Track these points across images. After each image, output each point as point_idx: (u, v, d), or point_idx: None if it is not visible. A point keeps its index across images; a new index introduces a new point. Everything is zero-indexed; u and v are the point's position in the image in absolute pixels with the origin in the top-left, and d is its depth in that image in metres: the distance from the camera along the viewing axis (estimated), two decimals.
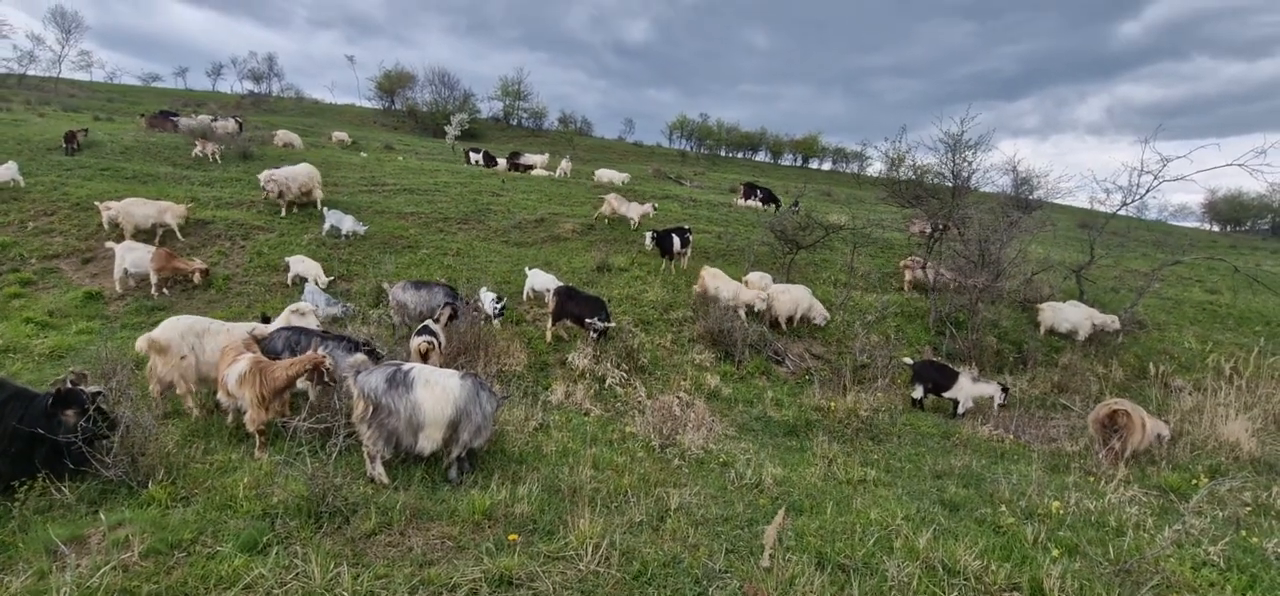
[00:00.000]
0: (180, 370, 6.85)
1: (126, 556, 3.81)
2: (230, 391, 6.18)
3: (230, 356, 6.46)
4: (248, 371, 6.10)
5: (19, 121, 25.12)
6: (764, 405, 10.38)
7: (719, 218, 21.87)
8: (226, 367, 6.30)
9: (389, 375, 5.70)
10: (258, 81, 63.33)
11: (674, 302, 13.75)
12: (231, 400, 6.28)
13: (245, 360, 6.23)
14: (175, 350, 6.86)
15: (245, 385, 6.06)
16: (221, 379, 6.30)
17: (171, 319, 7.21)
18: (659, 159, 55.76)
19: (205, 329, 7.19)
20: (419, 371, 5.84)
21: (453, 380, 5.87)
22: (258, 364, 6.19)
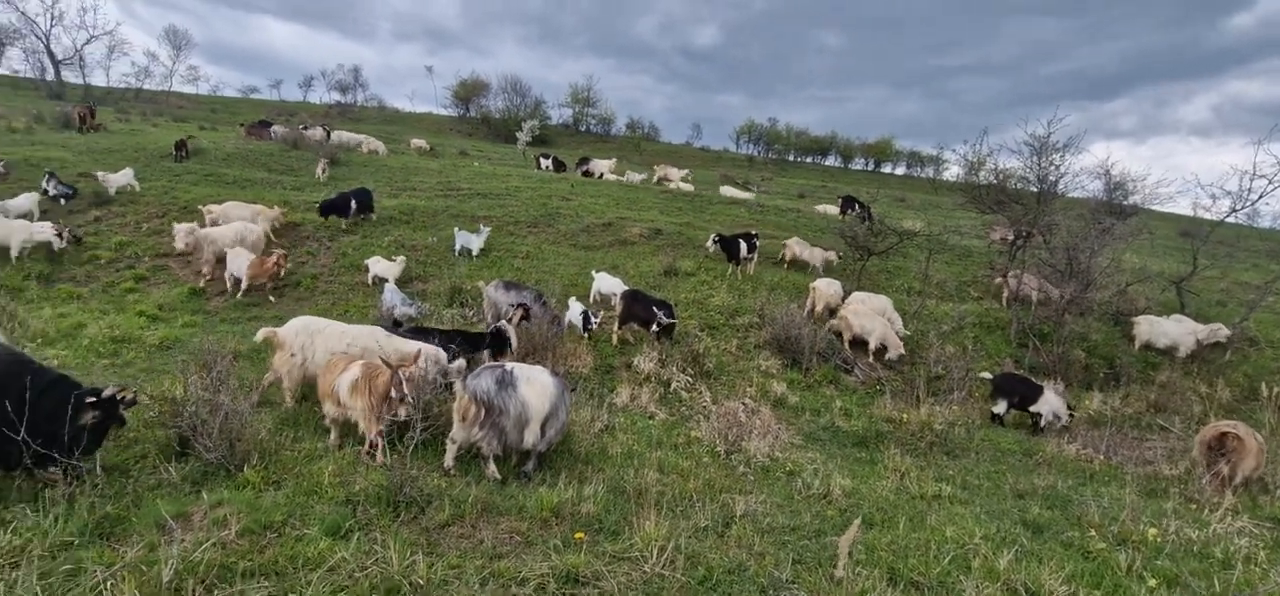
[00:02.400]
0: (288, 366, 7.17)
1: (225, 534, 4.09)
2: (342, 401, 6.07)
3: (340, 365, 6.34)
4: (359, 379, 6.00)
5: (136, 131, 27.44)
6: (832, 414, 10.13)
7: (788, 223, 21.52)
8: (336, 377, 6.17)
9: (497, 377, 5.90)
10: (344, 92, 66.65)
11: (740, 308, 13.62)
12: (341, 410, 6.14)
13: (356, 367, 6.12)
14: (289, 347, 7.17)
15: (357, 394, 5.96)
16: (330, 389, 6.17)
17: (296, 319, 7.55)
18: (726, 164, 55.41)
19: (319, 330, 7.41)
20: (520, 370, 6.07)
21: (547, 377, 6.12)
22: (370, 371, 6.06)
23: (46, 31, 50.91)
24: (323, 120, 40.83)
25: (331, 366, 6.41)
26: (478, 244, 15.17)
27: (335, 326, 7.58)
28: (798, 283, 15.62)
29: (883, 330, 12.72)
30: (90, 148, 20.80)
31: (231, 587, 3.60)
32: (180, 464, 5.19)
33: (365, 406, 5.91)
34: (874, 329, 12.72)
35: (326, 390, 6.23)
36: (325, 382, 6.28)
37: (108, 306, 11.45)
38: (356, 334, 7.57)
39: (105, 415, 4.87)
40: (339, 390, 6.07)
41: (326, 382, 6.26)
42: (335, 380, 6.15)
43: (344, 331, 7.54)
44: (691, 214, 20.92)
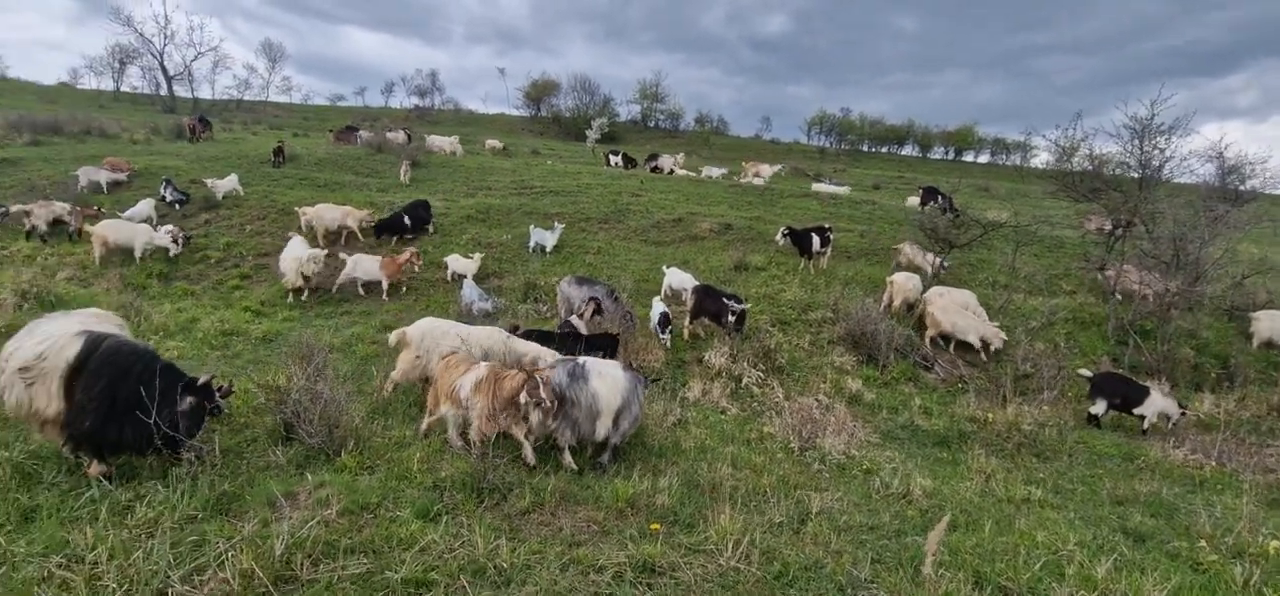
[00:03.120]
0: (410, 364, 7.53)
1: (327, 513, 4.41)
2: (462, 400, 5.95)
3: (461, 364, 6.24)
4: (484, 380, 5.91)
5: (238, 139, 29.58)
6: (911, 413, 9.81)
7: (861, 215, 20.90)
8: (459, 376, 6.05)
9: (570, 370, 6.13)
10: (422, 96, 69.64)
11: (812, 303, 13.36)
12: (461, 409, 6.01)
13: (482, 367, 6.07)
14: (414, 347, 7.54)
15: (480, 393, 5.87)
16: (448, 388, 6.05)
17: (422, 320, 7.92)
18: (796, 156, 54.31)
19: (444, 331, 7.66)
20: (592, 364, 6.25)
21: (619, 372, 6.28)
22: (495, 372, 6.00)
23: (160, 50, 55.60)
24: (403, 124, 42.71)
25: (451, 365, 6.31)
26: (551, 240, 15.50)
27: (459, 327, 7.85)
28: (873, 277, 15.17)
29: (979, 325, 12.19)
30: (200, 156, 22.57)
31: (335, 563, 3.87)
32: (285, 447, 5.60)
33: (485, 406, 5.81)
34: (969, 326, 12.19)
35: (447, 389, 6.08)
36: (445, 381, 6.16)
37: (217, 302, 12.42)
38: (480, 335, 7.79)
39: (203, 402, 5.28)
40: (460, 389, 5.96)
41: (447, 382, 6.13)
42: (457, 379, 6.04)
43: (468, 332, 7.78)
44: (762, 208, 20.66)
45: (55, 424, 5.00)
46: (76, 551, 3.71)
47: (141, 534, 3.99)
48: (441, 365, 6.43)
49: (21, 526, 4.08)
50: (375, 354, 9.64)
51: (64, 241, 14.39)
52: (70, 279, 12.55)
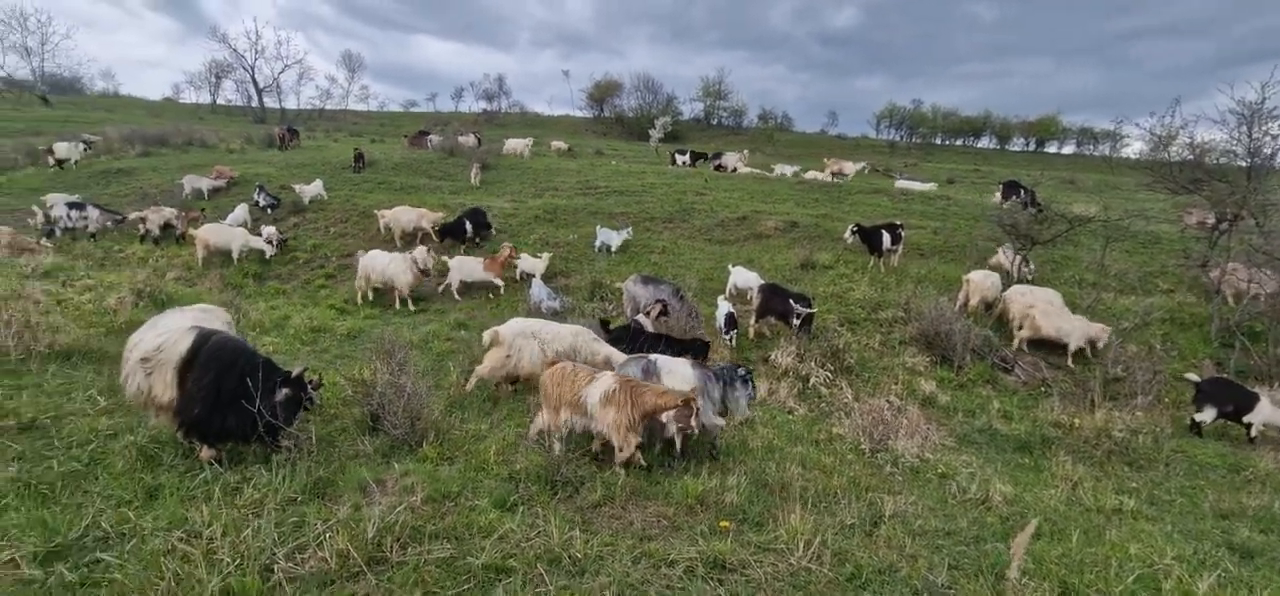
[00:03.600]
0: (499, 362, 7.79)
1: (412, 500, 4.65)
2: (588, 411, 5.72)
3: (584, 375, 5.93)
4: (616, 390, 5.63)
5: (321, 147, 31.25)
6: (989, 416, 9.44)
7: (934, 211, 20.17)
8: (582, 385, 5.80)
9: (643, 367, 6.32)
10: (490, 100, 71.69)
11: (883, 302, 13.02)
12: (585, 419, 5.79)
13: (609, 378, 5.80)
14: (506, 346, 7.81)
15: (611, 406, 5.60)
16: (572, 397, 5.81)
17: (513, 320, 8.20)
18: (865, 151, 52.86)
19: (534, 331, 7.82)
20: (662, 361, 6.41)
21: (689, 369, 6.40)
22: (628, 384, 5.71)
23: (252, 65, 59.34)
24: (473, 127, 44.08)
25: (568, 375, 5.99)
26: (617, 241, 15.68)
27: (549, 326, 8.06)
28: (948, 275, 14.63)
29: (1083, 326, 11.54)
30: (288, 162, 24.00)
31: (421, 547, 4.09)
32: (372, 438, 5.93)
33: (622, 419, 5.57)
34: (1074, 329, 11.54)
35: (570, 398, 5.84)
36: (565, 390, 5.89)
37: (305, 300, 13.21)
38: (567, 334, 7.97)
39: (296, 394, 5.63)
40: (587, 400, 5.72)
41: (569, 391, 5.86)
42: (582, 389, 5.78)
43: (557, 331, 7.97)
44: (829, 205, 20.24)
45: (169, 411, 5.46)
46: (195, 527, 4.06)
47: (249, 513, 4.33)
48: (555, 373, 6.12)
49: (147, 503, 4.49)
50: (450, 350, 10.04)
51: (172, 244, 15.62)
52: (177, 279, 13.59)
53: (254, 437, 5.32)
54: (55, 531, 3.94)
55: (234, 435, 5.39)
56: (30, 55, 54.54)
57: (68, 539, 3.91)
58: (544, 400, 6.14)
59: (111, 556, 3.79)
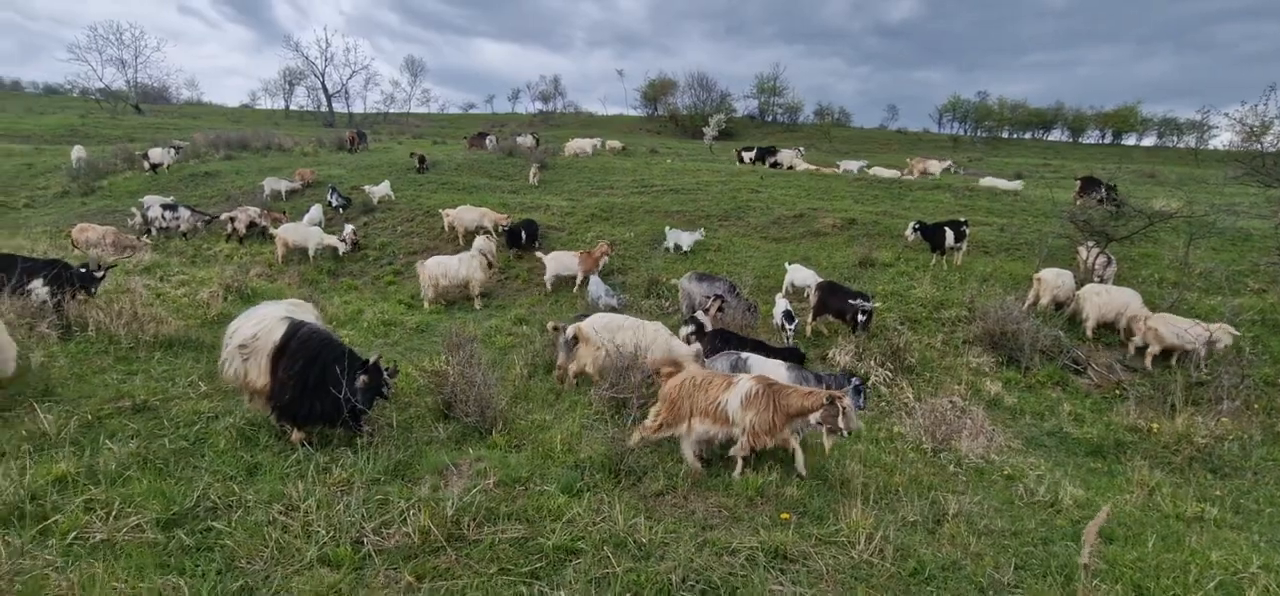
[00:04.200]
0: (591, 357, 8.07)
1: (486, 483, 4.91)
2: (730, 418, 5.53)
3: (720, 382, 5.72)
4: (759, 394, 5.47)
5: (387, 149, 32.51)
6: (1059, 419, 9.13)
7: (1001, 207, 19.48)
8: (719, 392, 5.61)
9: (732, 362, 6.41)
10: (546, 101, 72.84)
11: (946, 300, 12.71)
12: (723, 427, 5.60)
13: (751, 381, 5.59)
14: (594, 342, 8.11)
15: (751, 408, 5.45)
16: (705, 406, 5.62)
17: (597, 315, 8.54)
18: (925, 146, 51.30)
19: (619, 326, 8.17)
20: (754, 360, 6.48)
21: (783, 370, 6.46)
22: (771, 386, 5.53)
23: (322, 72, 62.12)
24: (529, 128, 45.01)
25: (700, 384, 5.79)
26: (689, 241, 15.67)
27: (631, 322, 8.33)
28: (1015, 273, 14.15)
29: (1198, 329, 10.84)
30: (357, 164, 25.11)
31: (496, 526, 4.34)
32: (445, 424, 6.26)
33: (764, 422, 5.42)
34: (1198, 335, 10.75)
35: (703, 406, 5.63)
36: (698, 399, 5.68)
37: (376, 296, 13.85)
38: (649, 329, 8.23)
39: (373, 380, 5.96)
40: (727, 406, 5.54)
41: (703, 399, 5.65)
42: (718, 396, 5.60)
43: (638, 327, 8.24)
44: (889, 202, 19.82)
45: (263, 395, 5.90)
46: (292, 501, 4.42)
47: (339, 491, 4.67)
48: (684, 383, 5.87)
49: (248, 479, 4.90)
50: (512, 344, 10.39)
51: (255, 242, 16.62)
52: (259, 275, 14.44)
53: (339, 422, 5.70)
54: (172, 500, 4.36)
55: (321, 419, 5.78)
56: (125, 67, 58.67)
57: (183, 508, 4.32)
58: (667, 409, 5.85)
59: (221, 525, 4.17)
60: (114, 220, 17.82)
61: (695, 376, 5.91)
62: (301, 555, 3.90)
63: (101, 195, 23.09)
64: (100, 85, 56.90)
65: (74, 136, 35.51)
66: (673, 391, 5.88)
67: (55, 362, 7.03)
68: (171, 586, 3.51)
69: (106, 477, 4.64)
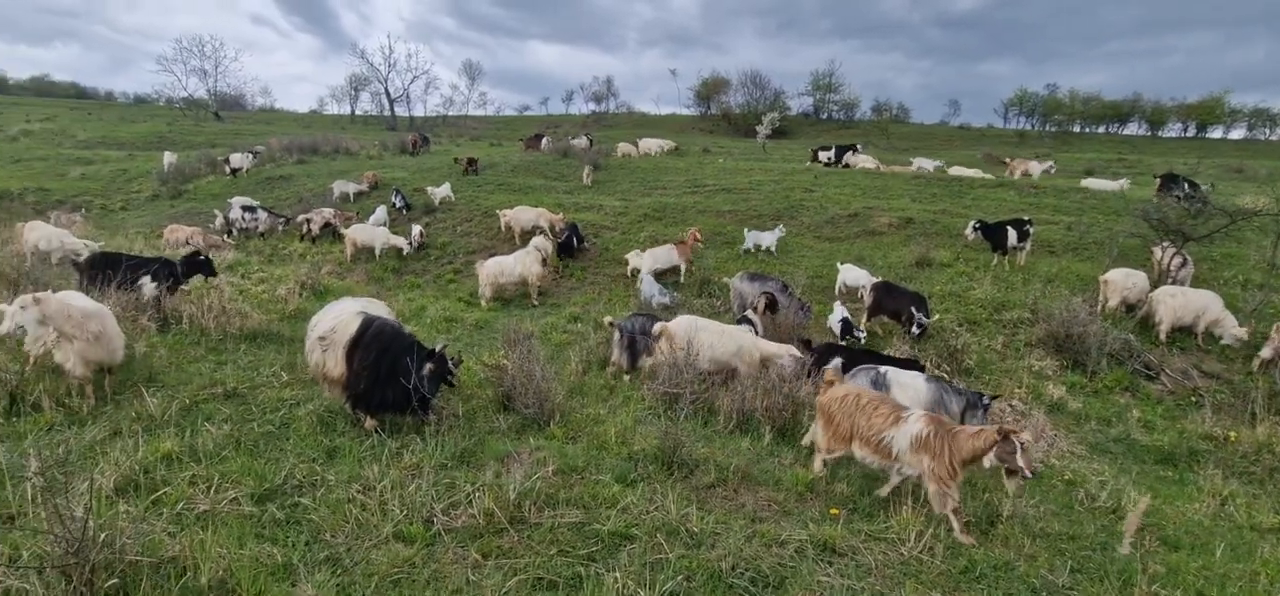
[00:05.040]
0: (673, 357, 8.21)
1: (545, 471, 5.17)
2: (894, 455, 5.07)
3: (886, 412, 5.22)
4: (931, 435, 4.91)
5: (448, 152, 33.59)
6: (1127, 425, 8.82)
7: (1070, 206, 18.72)
8: (884, 425, 5.13)
9: (872, 378, 6.36)
10: (598, 102, 73.64)
11: (1007, 302, 12.38)
12: (888, 461, 5.15)
13: (921, 419, 5.05)
14: (678, 341, 8.29)
15: (925, 452, 4.90)
16: (869, 435, 5.20)
17: (682, 316, 8.75)
18: (990, 142, 49.54)
19: (702, 327, 8.31)
20: (893, 374, 6.40)
21: (920, 382, 6.34)
22: (943, 427, 4.96)
23: (385, 77, 64.50)
24: (582, 129, 45.66)
25: (863, 407, 5.36)
26: (771, 240, 15.63)
27: (714, 325, 8.53)
28: (1082, 274, 13.63)
29: None
30: (419, 167, 26.08)
31: (555, 511, 4.58)
32: (505, 416, 6.57)
33: (941, 469, 4.82)
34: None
35: (867, 434, 5.23)
36: (860, 423, 5.29)
37: (438, 293, 14.43)
38: (735, 332, 8.42)
39: (438, 369, 6.29)
40: (893, 442, 5.07)
41: (866, 425, 5.25)
42: (883, 430, 5.15)
43: (724, 329, 8.46)
44: (948, 201, 19.32)
45: (339, 384, 6.33)
46: (369, 482, 4.78)
47: (410, 473, 5.01)
48: (845, 400, 5.52)
49: (328, 461, 5.30)
50: (567, 341, 10.70)
51: (326, 242, 17.53)
52: (330, 273, 15.28)
53: (408, 410, 6.07)
54: (263, 478, 4.78)
55: (391, 407, 6.16)
56: (206, 77, 62.28)
57: (273, 484, 4.73)
58: (825, 425, 5.61)
59: (307, 501, 4.55)
60: (199, 221, 19.12)
61: (859, 395, 5.46)
62: (379, 531, 4.23)
63: (187, 198, 24.73)
64: (184, 94, 60.69)
65: (162, 143, 38.04)
66: (832, 407, 5.53)
67: (156, 352, 7.70)
68: (267, 554, 3.88)
69: (206, 456, 5.12)
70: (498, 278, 13.53)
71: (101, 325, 6.15)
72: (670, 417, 6.23)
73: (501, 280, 13.57)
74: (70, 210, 22.43)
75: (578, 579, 3.88)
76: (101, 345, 6.12)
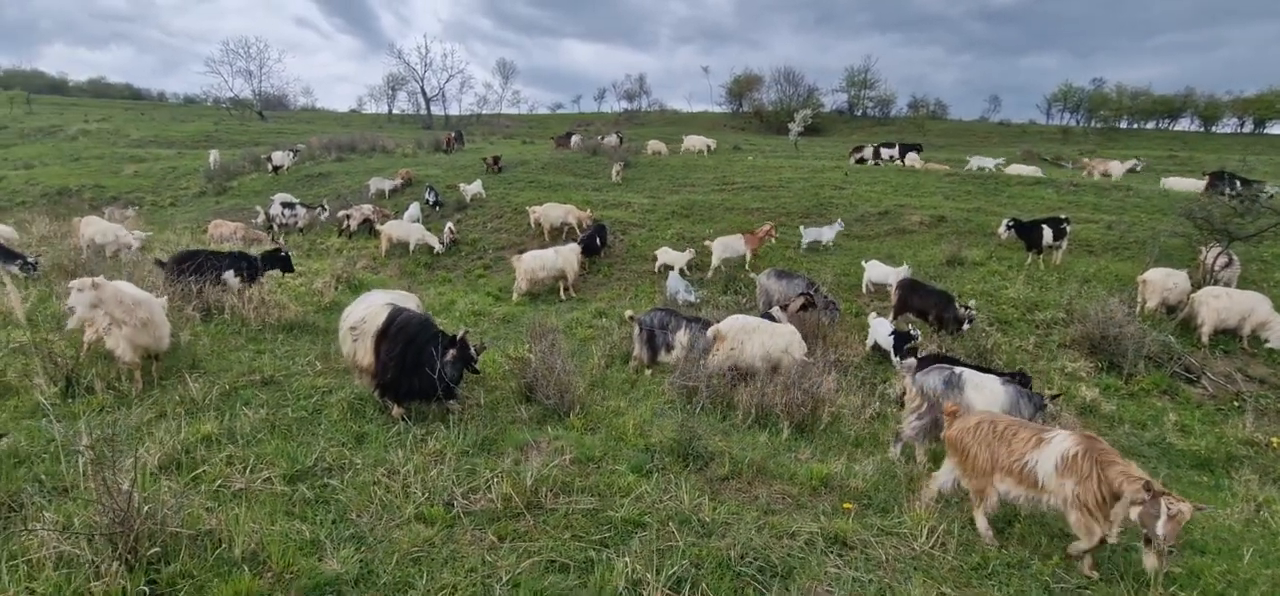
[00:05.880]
0: (726, 355, 8.32)
1: (562, 460, 5.31)
2: (1039, 483, 4.42)
3: (1028, 435, 4.59)
4: (1079, 455, 4.27)
5: (480, 149, 34.12)
6: (1163, 429, 8.59)
7: (1111, 204, 18.19)
8: (1026, 448, 4.52)
9: (945, 378, 6.32)
10: (630, 100, 73.67)
11: (1041, 302, 12.12)
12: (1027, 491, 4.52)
13: (1068, 438, 4.43)
14: (729, 341, 8.40)
15: (1070, 475, 4.26)
16: (1009, 463, 4.58)
17: (734, 317, 8.84)
18: (1031, 138, 48.20)
19: (755, 327, 8.47)
20: (968, 376, 6.35)
21: (999, 385, 6.22)
22: (1095, 448, 4.30)
23: (422, 76, 65.68)
24: (614, 127, 45.84)
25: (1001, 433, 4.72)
26: (830, 235, 15.55)
27: (764, 323, 8.64)
28: (1121, 274, 13.26)
29: None
30: (452, 164, 26.58)
31: (570, 498, 4.72)
32: (527, 406, 6.74)
33: (1088, 495, 4.17)
34: None
35: (1008, 463, 4.60)
36: (1000, 453, 4.65)
37: (467, 288, 14.73)
38: (784, 332, 8.52)
39: (460, 355, 6.46)
40: (1036, 468, 4.44)
41: (1006, 454, 4.62)
42: (1027, 454, 4.51)
43: (773, 329, 8.55)
44: (983, 199, 18.95)
45: (368, 373, 6.57)
46: (393, 466, 4.98)
47: (433, 459, 5.20)
48: (980, 428, 4.86)
49: (356, 445, 5.53)
50: (591, 336, 10.85)
51: (362, 237, 18.02)
52: (365, 267, 15.70)
53: (433, 398, 6.28)
54: (296, 459, 5.02)
55: (417, 396, 6.37)
56: (251, 78, 64.29)
57: (304, 466, 4.96)
58: (959, 461, 4.97)
59: (336, 482, 4.77)
60: (242, 217, 19.82)
61: (994, 423, 4.82)
62: (402, 511, 4.41)
63: (232, 194, 25.66)
64: (230, 95, 62.71)
65: (209, 142, 39.44)
66: (964, 439, 4.90)
67: (199, 341, 8.07)
68: (297, 530, 4.09)
69: (242, 438, 5.39)
70: (537, 271, 13.75)
71: (149, 312, 6.50)
72: (687, 410, 6.31)
73: (541, 274, 13.79)
74: (123, 206, 23.47)
75: (589, 562, 4.00)
76: (149, 331, 6.47)
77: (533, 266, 13.68)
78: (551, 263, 13.77)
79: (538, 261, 13.76)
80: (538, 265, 13.72)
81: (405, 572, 3.81)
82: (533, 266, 13.68)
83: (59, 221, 17.44)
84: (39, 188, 27.89)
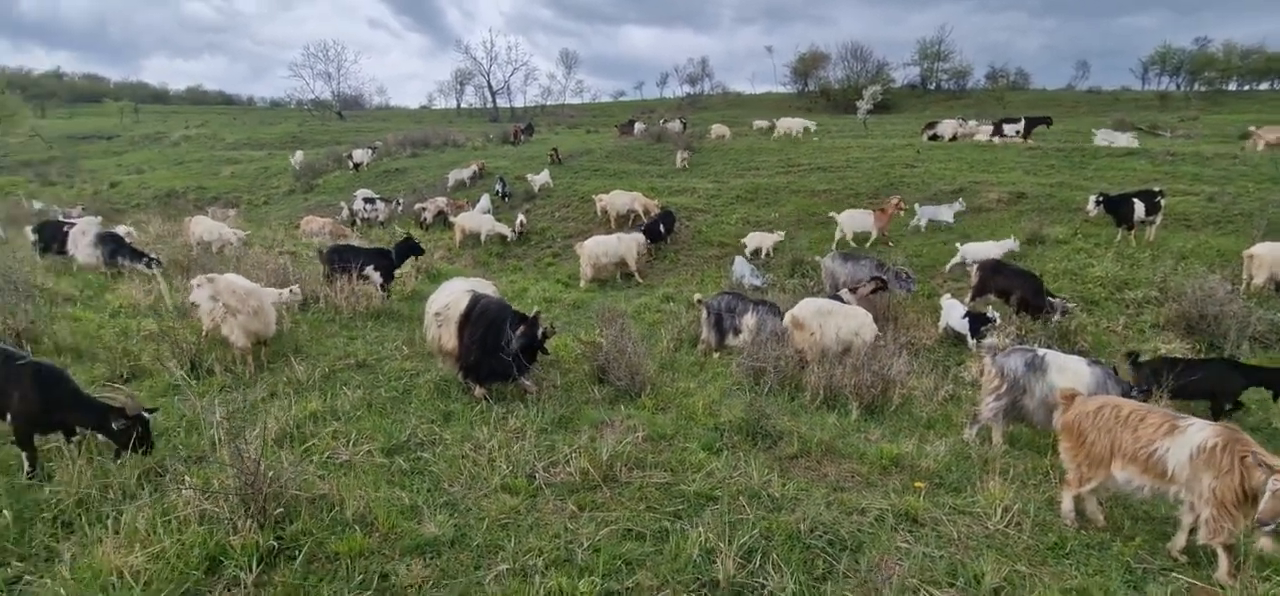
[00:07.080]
0: (807, 342, 8.42)
1: (636, 437, 5.55)
2: (1166, 471, 4.16)
3: (1156, 420, 4.31)
4: (1217, 448, 3.97)
5: (547, 140, 34.86)
6: (1267, 413, 8.06)
7: (1212, 174, 16.90)
8: (1155, 433, 4.25)
9: (1027, 360, 6.16)
10: (693, 84, 73.21)
11: (1131, 280, 11.49)
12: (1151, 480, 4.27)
13: (1207, 428, 4.10)
14: (807, 327, 8.50)
15: (1208, 470, 3.97)
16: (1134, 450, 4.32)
17: (809, 301, 8.89)
18: (1124, 106, 45.01)
19: (830, 310, 8.53)
20: (1052, 357, 6.20)
21: (1083, 367, 6.07)
22: (1236, 440, 3.96)
23: (488, 70, 67.44)
24: (677, 112, 45.77)
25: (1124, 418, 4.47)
26: (947, 215, 15.13)
27: (839, 308, 8.70)
28: (1224, 249, 12.37)
29: None
30: (520, 155, 27.32)
31: (644, 472, 4.96)
32: (600, 388, 7.03)
33: (1226, 490, 3.90)
34: None
35: (1132, 450, 4.34)
36: (1122, 438, 4.41)
37: (537, 275, 15.22)
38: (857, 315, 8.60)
39: (530, 336, 6.77)
40: (1167, 457, 4.16)
41: (1130, 439, 4.36)
42: (1154, 440, 4.24)
43: (848, 312, 8.62)
44: (1067, 172, 17.97)
45: (452, 356, 7.00)
46: (479, 441, 5.36)
47: (514, 435, 5.55)
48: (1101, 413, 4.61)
49: (444, 422, 5.96)
50: (659, 320, 11.06)
51: (437, 229, 18.87)
52: (441, 257, 16.44)
53: (511, 380, 6.64)
54: (391, 435, 5.47)
55: (497, 377, 6.75)
56: (330, 80, 67.79)
57: (399, 441, 5.41)
58: (1074, 447, 4.73)
59: (428, 455, 5.18)
60: (328, 213, 21.07)
61: (1118, 406, 4.59)
62: (489, 482, 4.77)
63: (317, 192, 27.25)
64: (311, 96, 66.30)
65: (294, 142, 41.94)
66: (1083, 424, 4.68)
67: (298, 329, 8.77)
68: (397, 497, 4.49)
69: (343, 415, 5.90)
70: (599, 257, 14.05)
71: (258, 302, 7.15)
72: (755, 391, 6.44)
73: (603, 260, 14.09)
74: (225, 205, 25.34)
75: (664, 532, 4.22)
76: (259, 319, 7.12)
77: (596, 252, 13.99)
78: (614, 248, 14.07)
79: (601, 247, 14.07)
80: (601, 251, 14.02)
81: (495, 537, 4.14)
82: (596, 252, 13.99)
83: (170, 221, 19.06)
84: (150, 190, 30.50)
